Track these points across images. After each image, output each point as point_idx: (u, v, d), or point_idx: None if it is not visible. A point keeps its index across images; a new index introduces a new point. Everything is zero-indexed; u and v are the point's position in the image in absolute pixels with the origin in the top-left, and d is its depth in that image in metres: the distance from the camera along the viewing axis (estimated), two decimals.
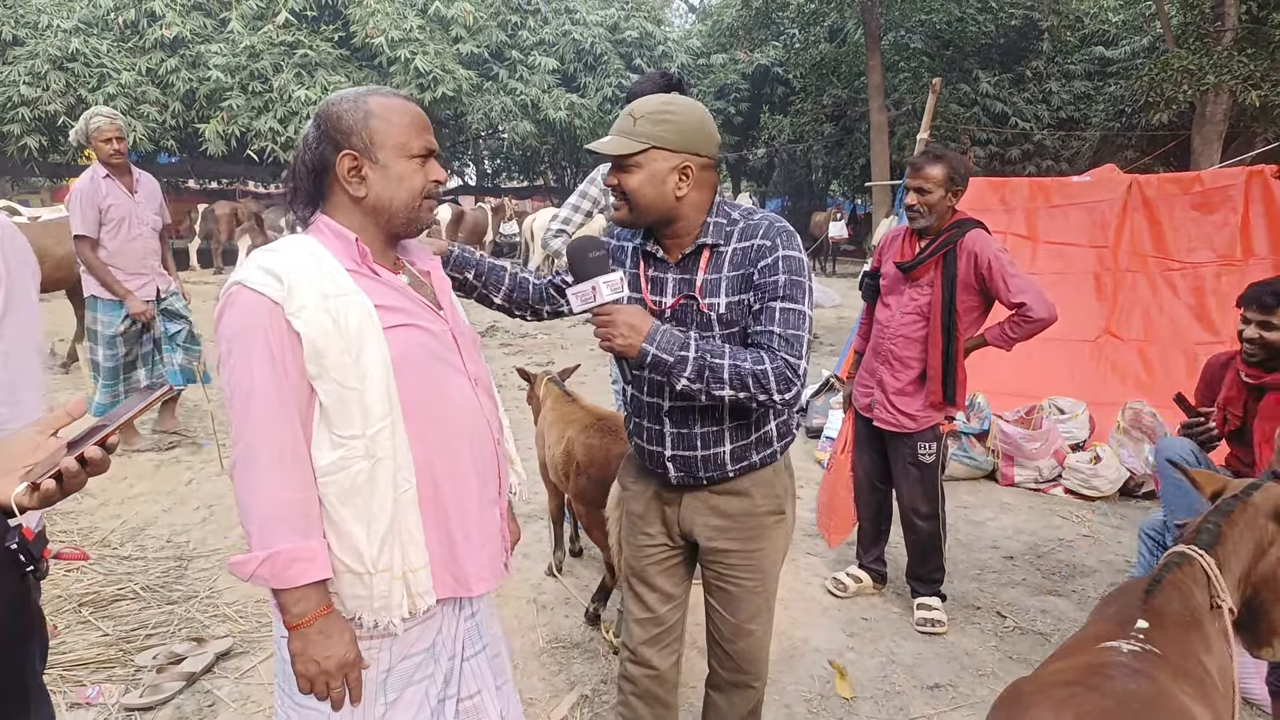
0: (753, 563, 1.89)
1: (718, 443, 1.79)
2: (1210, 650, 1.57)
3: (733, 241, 1.72)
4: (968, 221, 3.10)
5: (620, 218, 1.73)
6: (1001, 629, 3.24)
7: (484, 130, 19.77)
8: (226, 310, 1.33)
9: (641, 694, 2.03)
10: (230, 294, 1.33)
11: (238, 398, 1.29)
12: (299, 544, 1.27)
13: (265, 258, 1.34)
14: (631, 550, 2.00)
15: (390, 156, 1.40)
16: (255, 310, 1.30)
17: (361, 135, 1.40)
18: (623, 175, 1.68)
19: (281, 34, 14.87)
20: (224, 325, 1.33)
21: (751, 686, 2.02)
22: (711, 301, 1.72)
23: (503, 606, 3.30)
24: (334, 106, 1.42)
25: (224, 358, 1.32)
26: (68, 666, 2.80)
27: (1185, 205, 5.56)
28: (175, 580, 3.49)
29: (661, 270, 1.79)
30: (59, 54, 13.85)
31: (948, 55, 17.92)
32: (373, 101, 1.41)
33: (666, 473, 1.85)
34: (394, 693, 1.43)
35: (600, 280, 1.59)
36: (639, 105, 1.69)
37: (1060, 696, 1.32)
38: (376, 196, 1.42)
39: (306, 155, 1.43)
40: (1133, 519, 4.44)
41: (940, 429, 3.17)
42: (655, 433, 1.83)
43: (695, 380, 1.62)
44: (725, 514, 1.87)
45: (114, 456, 1.15)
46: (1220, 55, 10.82)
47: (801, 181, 27.93)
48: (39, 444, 1.10)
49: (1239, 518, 1.85)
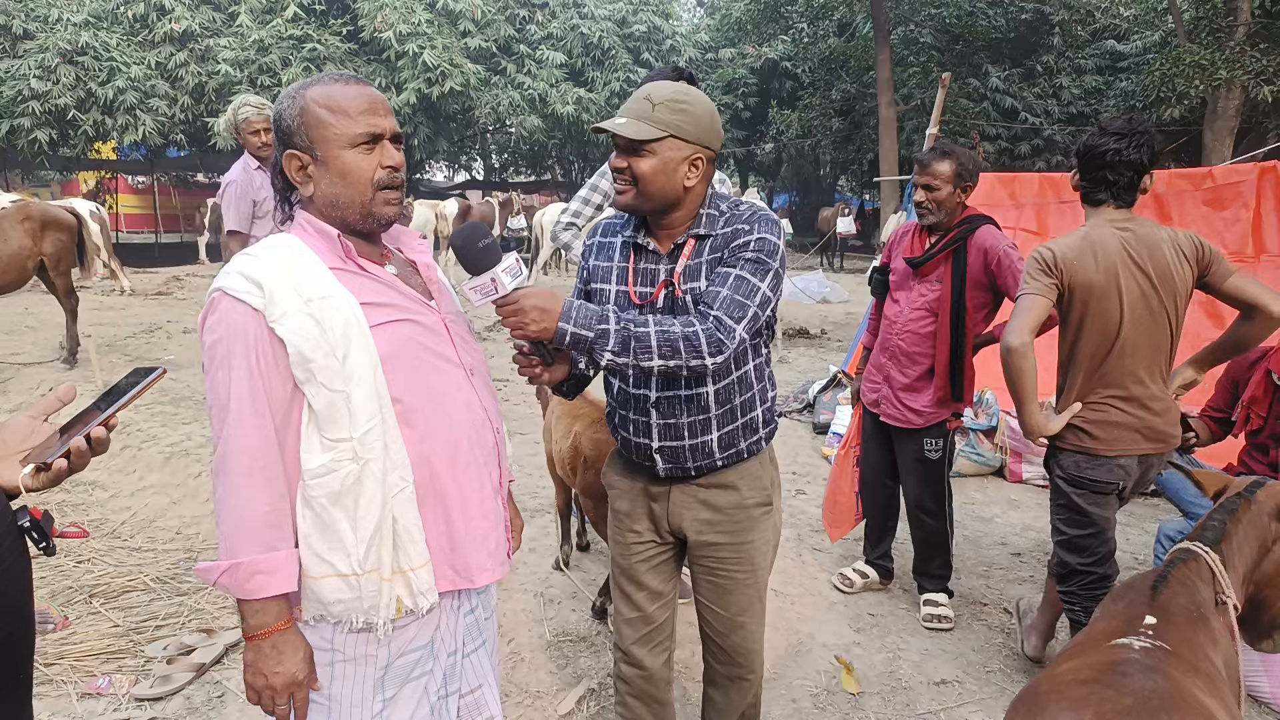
0: (742, 555, 1.89)
1: (705, 431, 1.78)
2: (1216, 646, 1.57)
3: (717, 228, 1.73)
4: (978, 218, 3.09)
5: (625, 202, 1.71)
6: (1008, 625, 3.24)
7: (492, 124, 19.78)
8: (208, 316, 1.32)
9: (637, 694, 2.03)
10: (212, 300, 1.31)
11: (216, 406, 1.29)
12: (261, 556, 1.27)
13: (245, 263, 1.32)
14: (619, 549, 1.97)
15: (331, 150, 1.35)
16: (235, 318, 1.28)
17: (301, 134, 1.36)
18: (635, 159, 1.65)
19: (290, 28, 14.92)
20: (205, 332, 1.31)
21: (746, 679, 2.02)
22: (690, 286, 1.71)
23: (509, 600, 3.31)
24: (279, 104, 1.39)
25: (205, 365, 1.31)
26: (78, 657, 2.83)
27: (1196, 201, 5.52)
28: (185, 572, 3.51)
29: (652, 262, 1.77)
30: (69, 48, 13.92)
31: (957, 50, 17.83)
32: (310, 93, 1.36)
33: (654, 465, 1.83)
34: (392, 689, 1.42)
35: (498, 270, 1.46)
36: (655, 90, 1.67)
37: (1078, 695, 1.31)
38: (323, 195, 1.38)
39: (275, 155, 1.43)
40: (1139, 515, 4.42)
41: (947, 425, 3.17)
42: (642, 424, 1.81)
43: (620, 353, 1.53)
44: (714, 507, 1.86)
45: (125, 450, 1.17)
46: (1233, 50, 10.74)
47: (809, 177, 27.89)
48: (34, 429, 1.13)
49: (1243, 515, 1.86)
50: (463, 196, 18.62)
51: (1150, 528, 4.28)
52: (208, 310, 1.32)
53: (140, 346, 8.24)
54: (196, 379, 6.47)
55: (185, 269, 15.21)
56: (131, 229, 24.45)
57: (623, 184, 1.69)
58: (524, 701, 2.68)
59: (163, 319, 9.83)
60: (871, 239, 19.28)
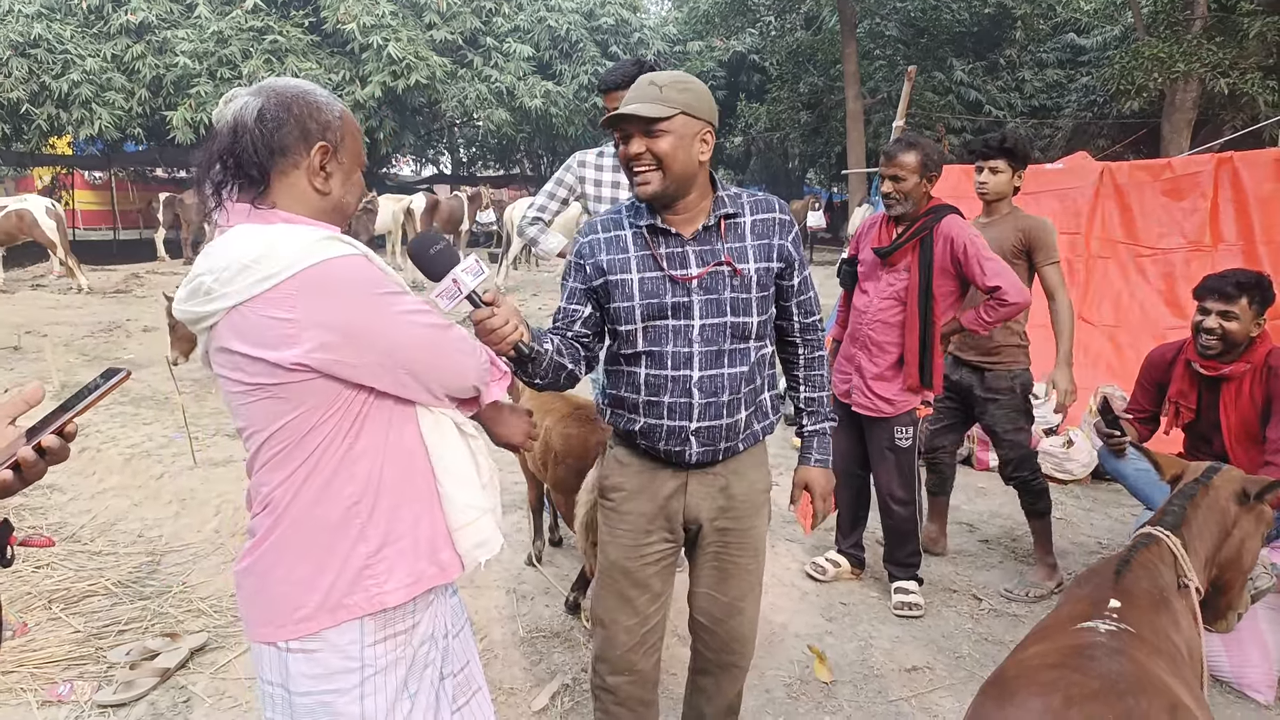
0: (747, 541, 1.94)
1: (736, 410, 1.83)
2: (1179, 628, 1.60)
3: (749, 214, 1.82)
4: (943, 208, 3.13)
5: (651, 190, 1.72)
6: (977, 611, 3.28)
7: (459, 118, 19.59)
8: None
9: (622, 701, 2.01)
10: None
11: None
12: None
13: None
14: (627, 553, 1.93)
15: (351, 164, 1.41)
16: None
17: (336, 132, 1.37)
18: (652, 141, 1.68)
19: (250, 19, 14.62)
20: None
21: (739, 666, 2.04)
22: (742, 266, 1.78)
23: (482, 596, 3.29)
24: (308, 95, 1.36)
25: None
26: (38, 664, 2.75)
27: (1155, 192, 5.63)
28: (148, 575, 3.44)
29: (676, 245, 1.79)
30: (21, 40, 13.51)
31: (922, 43, 18.01)
32: (339, 105, 1.42)
33: (685, 450, 1.82)
34: (414, 685, 1.42)
35: (457, 270, 1.48)
36: (655, 76, 1.72)
37: (1047, 680, 1.33)
38: (339, 197, 1.39)
39: (259, 136, 1.30)
40: (1104, 502, 4.51)
41: (917, 413, 3.20)
42: (681, 406, 1.80)
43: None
44: (730, 494, 1.90)
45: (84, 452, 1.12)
46: (1190, 43, 10.97)
47: (779, 170, 27.99)
48: None
49: (1201, 500, 1.90)
50: (430, 191, 18.41)
51: (1113, 512, 4.37)
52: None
53: (99, 345, 8.06)
54: (157, 378, 6.35)
55: (144, 266, 14.88)
56: (89, 225, 23.86)
57: (644, 171, 1.71)
58: (498, 698, 2.66)
59: (122, 317, 9.61)
60: (840, 232, 19.41)
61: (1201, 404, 3.01)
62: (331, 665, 1.33)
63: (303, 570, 1.31)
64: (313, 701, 1.33)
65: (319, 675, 1.33)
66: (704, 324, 1.77)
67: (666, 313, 1.77)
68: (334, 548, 1.31)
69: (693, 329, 1.77)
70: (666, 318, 1.78)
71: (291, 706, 1.34)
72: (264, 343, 1.22)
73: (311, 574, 1.31)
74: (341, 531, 1.31)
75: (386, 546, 1.34)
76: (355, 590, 1.32)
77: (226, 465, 4.62)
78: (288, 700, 1.34)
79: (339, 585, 1.31)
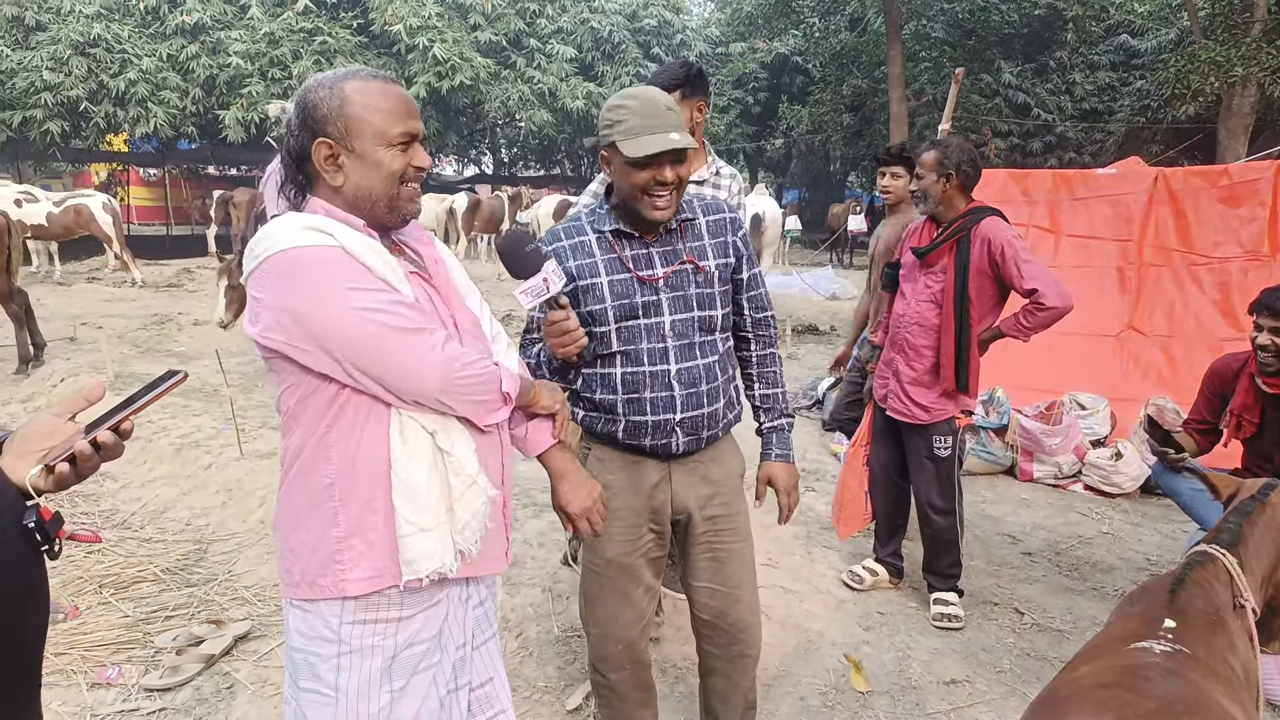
0: (735, 525, 2.01)
1: (714, 399, 1.92)
2: (1235, 649, 1.55)
3: (702, 215, 1.95)
4: (983, 209, 3.09)
5: (670, 213, 1.81)
6: (1019, 625, 3.22)
7: (501, 119, 19.76)
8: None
9: (627, 694, 2.08)
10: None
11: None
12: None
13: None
14: (622, 547, 1.97)
15: (368, 145, 1.36)
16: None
17: (337, 124, 1.35)
18: (678, 168, 1.77)
19: (301, 21, 14.93)
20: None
21: (747, 655, 2.06)
22: (704, 264, 1.90)
23: (517, 594, 3.31)
24: (311, 93, 1.37)
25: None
26: (88, 647, 2.84)
27: (1212, 199, 5.47)
28: (195, 563, 3.52)
29: (640, 247, 1.88)
30: (81, 39, 13.96)
31: (970, 45, 17.70)
32: (350, 86, 1.36)
33: (671, 442, 1.89)
34: (400, 680, 1.42)
35: (548, 270, 1.60)
36: (664, 97, 1.80)
37: (1100, 699, 1.29)
38: (355, 186, 1.38)
39: (290, 141, 1.39)
40: (1153, 516, 4.39)
41: (956, 422, 3.15)
42: (663, 400, 1.87)
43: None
44: (712, 480, 1.98)
45: (136, 441, 1.15)
46: (1249, 47, 10.64)
47: (819, 172, 27.78)
48: (56, 428, 1.10)
49: (1258, 518, 1.84)
50: (472, 190, 18.62)
51: (1162, 528, 4.25)
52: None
53: (151, 338, 8.28)
54: (207, 370, 6.49)
55: (196, 261, 15.25)
56: (143, 221, 24.57)
57: (668, 195, 1.78)
58: (531, 696, 2.67)
59: (174, 310, 9.86)
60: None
61: (1265, 419, 2.92)
62: (317, 629, 1.39)
63: (295, 536, 1.39)
64: (301, 658, 1.41)
65: (308, 635, 1.40)
66: (674, 319, 1.87)
67: (638, 312, 1.85)
68: (311, 524, 1.37)
69: (664, 325, 1.86)
70: (638, 317, 1.86)
71: (291, 659, 1.44)
72: (248, 317, 1.35)
73: (298, 543, 1.39)
74: (319, 510, 1.37)
75: (355, 536, 1.36)
76: (326, 572, 1.37)
77: (271, 457, 4.71)
78: (289, 651, 1.44)
79: (313, 564, 1.37)
